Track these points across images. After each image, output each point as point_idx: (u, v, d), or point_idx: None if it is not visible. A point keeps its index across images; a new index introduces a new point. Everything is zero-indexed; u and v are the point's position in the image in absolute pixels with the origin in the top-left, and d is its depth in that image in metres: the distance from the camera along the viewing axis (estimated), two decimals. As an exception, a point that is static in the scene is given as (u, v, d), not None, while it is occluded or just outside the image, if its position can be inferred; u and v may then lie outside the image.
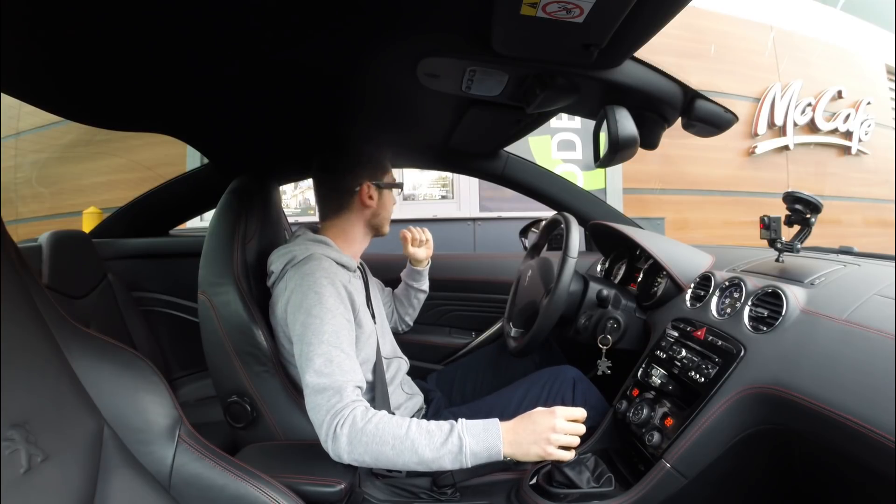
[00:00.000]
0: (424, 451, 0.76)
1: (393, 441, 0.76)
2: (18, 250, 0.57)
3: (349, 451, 0.77)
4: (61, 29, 0.65)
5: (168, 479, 0.60)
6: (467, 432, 0.77)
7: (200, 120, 1.11)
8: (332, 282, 0.91)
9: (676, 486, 0.79)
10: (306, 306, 0.88)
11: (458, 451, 0.76)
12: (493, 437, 0.78)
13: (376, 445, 0.76)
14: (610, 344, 1.09)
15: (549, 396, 1.05)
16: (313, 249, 0.96)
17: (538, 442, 0.78)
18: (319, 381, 0.81)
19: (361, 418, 0.78)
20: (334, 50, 0.77)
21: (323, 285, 0.89)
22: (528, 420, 0.80)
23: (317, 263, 0.93)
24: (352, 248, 1.06)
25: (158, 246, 1.64)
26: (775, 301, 0.82)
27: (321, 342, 0.85)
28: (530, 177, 1.57)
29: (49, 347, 0.56)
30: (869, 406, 0.60)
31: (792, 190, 0.89)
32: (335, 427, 0.78)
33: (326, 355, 0.84)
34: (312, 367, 0.83)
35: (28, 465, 0.47)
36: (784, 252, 0.97)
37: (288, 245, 1.00)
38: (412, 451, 0.76)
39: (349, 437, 0.77)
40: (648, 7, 0.60)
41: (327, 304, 0.88)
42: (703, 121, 0.94)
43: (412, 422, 0.79)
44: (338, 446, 0.78)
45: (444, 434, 0.77)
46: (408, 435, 0.77)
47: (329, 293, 0.89)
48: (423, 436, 0.77)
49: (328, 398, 0.80)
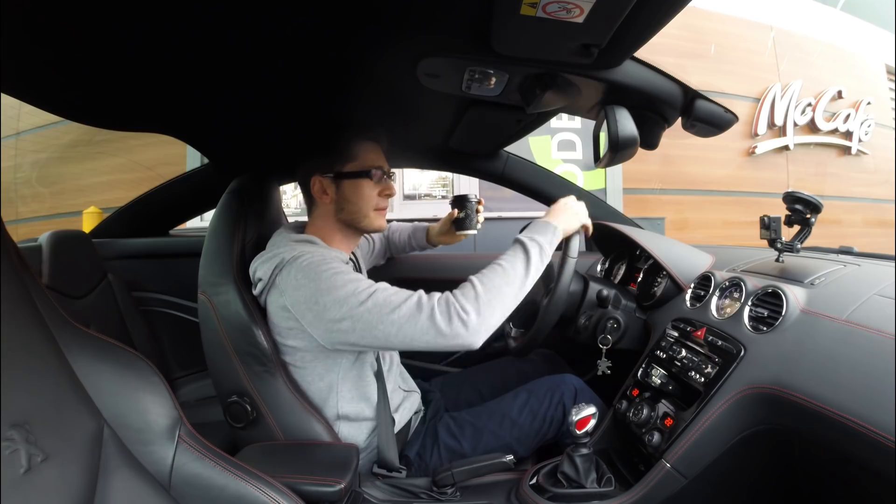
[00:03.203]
0: (523, 269, 0.87)
1: (505, 282, 0.84)
2: (18, 250, 0.57)
3: (483, 319, 0.80)
4: (61, 29, 0.65)
5: (168, 479, 0.60)
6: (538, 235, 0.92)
7: (200, 120, 1.11)
8: (329, 262, 0.86)
9: (676, 486, 0.79)
10: (323, 288, 0.82)
11: (539, 249, 0.89)
12: (546, 226, 0.94)
13: (497, 295, 0.82)
14: (610, 344, 1.09)
15: (550, 404, 1.05)
16: (301, 248, 0.90)
17: (571, 216, 1.01)
18: (401, 305, 0.79)
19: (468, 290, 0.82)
20: (335, 50, 0.77)
21: (321, 266, 0.85)
22: (555, 209, 1.01)
23: (308, 257, 0.87)
24: (338, 245, 1.00)
25: (158, 246, 1.64)
26: (775, 301, 0.82)
27: (369, 291, 0.81)
28: (530, 177, 1.57)
29: (49, 347, 0.56)
30: (869, 406, 0.60)
31: (792, 190, 0.89)
32: (458, 313, 0.79)
33: (383, 290, 0.82)
34: (382, 307, 0.79)
35: (28, 465, 0.47)
36: (784, 252, 0.97)
37: (271, 249, 0.93)
38: (520, 277, 0.85)
39: (475, 308, 0.79)
40: (648, 7, 0.60)
41: (342, 268, 0.86)
42: (703, 121, 0.94)
43: (497, 262, 0.87)
44: (470, 323, 0.79)
45: (522, 249, 0.89)
46: (506, 270, 0.85)
47: (331, 267, 0.85)
48: (516, 261, 0.87)
49: (420, 305, 0.80)
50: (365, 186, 0.97)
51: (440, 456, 1.02)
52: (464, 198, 1.21)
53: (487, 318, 0.80)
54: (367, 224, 0.99)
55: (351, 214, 0.98)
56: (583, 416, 0.85)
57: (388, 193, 1.00)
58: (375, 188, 0.98)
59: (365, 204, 0.97)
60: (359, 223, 0.99)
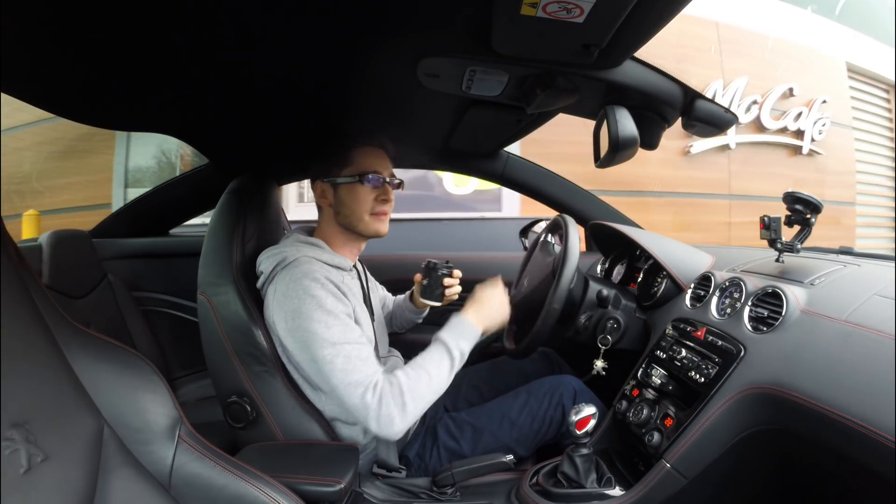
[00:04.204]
0: (447, 376, 0.92)
1: (429, 390, 0.90)
2: (18, 250, 0.57)
3: (405, 423, 0.87)
4: (62, 29, 0.65)
5: (168, 479, 0.60)
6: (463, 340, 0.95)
7: (200, 120, 1.11)
8: (324, 284, 0.89)
9: (676, 486, 0.79)
10: (306, 312, 0.87)
11: (462, 356, 0.94)
12: (470, 328, 0.97)
13: (420, 402, 0.88)
14: (610, 344, 1.09)
15: (549, 405, 1.05)
16: (304, 251, 0.94)
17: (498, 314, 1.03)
18: (350, 380, 0.86)
19: (397, 395, 0.87)
20: (335, 49, 0.77)
21: (315, 288, 0.88)
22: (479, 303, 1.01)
23: (307, 266, 0.90)
24: (341, 249, 1.03)
25: (158, 246, 1.64)
26: (775, 301, 0.82)
27: (334, 343, 0.86)
28: (530, 177, 1.57)
29: (49, 347, 0.56)
30: (869, 406, 0.60)
31: (792, 190, 0.89)
32: (385, 417, 0.85)
33: (344, 353, 0.86)
34: (336, 368, 0.86)
35: (28, 464, 0.47)
36: (784, 252, 0.97)
37: (278, 246, 0.97)
38: (441, 383, 0.91)
39: (401, 415, 0.86)
40: (648, 7, 0.60)
41: (327, 305, 0.88)
42: (702, 121, 0.94)
43: (422, 365, 0.91)
44: (392, 429, 0.86)
45: (448, 355, 0.93)
46: (431, 378, 0.90)
47: (323, 294, 0.88)
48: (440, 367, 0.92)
49: (363, 395, 0.85)
50: (360, 191, 0.99)
51: (440, 456, 1.02)
52: (432, 266, 1.13)
53: (408, 422, 0.88)
54: (364, 228, 1.01)
55: (347, 218, 1.00)
56: (583, 417, 0.85)
57: (384, 198, 1.01)
58: (372, 193, 0.99)
59: (360, 207, 0.99)
60: (355, 227, 1.01)
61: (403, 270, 1.54)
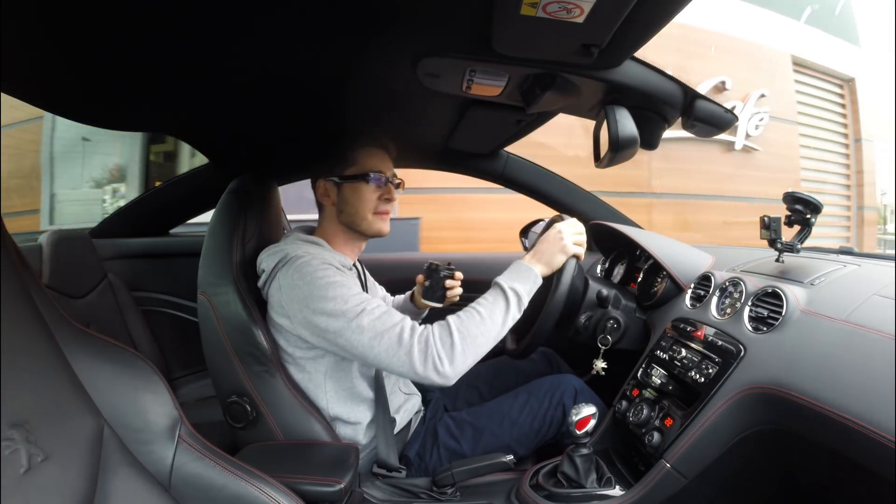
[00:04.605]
0: (501, 318, 0.88)
1: (481, 332, 0.86)
2: (19, 250, 0.57)
3: (454, 367, 0.84)
4: (62, 29, 0.65)
5: (168, 479, 0.60)
6: (515, 282, 0.92)
7: (200, 120, 1.11)
8: (326, 268, 0.89)
9: (676, 486, 0.79)
10: (316, 294, 0.86)
11: (518, 299, 0.90)
12: (527, 271, 0.94)
13: (471, 344, 0.85)
14: (610, 344, 1.09)
15: (549, 404, 1.05)
16: (305, 249, 0.94)
17: (557, 251, 0.96)
18: (381, 331, 0.83)
19: (446, 334, 0.84)
20: (334, 49, 0.77)
21: (324, 268, 0.88)
22: (542, 243, 0.98)
23: (308, 259, 0.90)
24: (342, 248, 1.03)
25: (158, 246, 1.64)
26: (775, 301, 0.82)
27: (357, 311, 0.85)
28: (530, 177, 1.57)
29: (49, 347, 0.56)
30: (868, 406, 0.60)
31: (791, 190, 0.89)
32: (433, 357, 0.82)
33: (370, 314, 0.85)
34: (364, 330, 0.84)
35: (28, 464, 0.47)
36: (784, 252, 0.97)
37: (279, 244, 0.98)
38: (496, 326, 0.88)
39: (449, 356, 0.83)
40: (648, 7, 0.60)
41: (337, 279, 0.88)
42: (703, 121, 0.94)
43: (476, 307, 0.89)
44: (444, 369, 0.83)
45: (503, 296, 0.90)
46: (484, 319, 0.87)
47: (332, 272, 0.88)
48: (495, 309, 0.89)
49: (399, 338, 0.83)
50: (364, 190, 0.99)
51: (440, 456, 1.02)
52: (434, 268, 1.12)
53: (459, 366, 0.84)
54: (367, 227, 1.01)
55: (350, 217, 1.00)
56: (583, 417, 0.85)
57: (387, 198, 1.01)
58: (375, 192, 1.00)
59: (363, 206, 0.99)
60: (358, 226, 1.01)
61: (403, 271, 1.54)
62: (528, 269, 0.94)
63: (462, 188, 3.68)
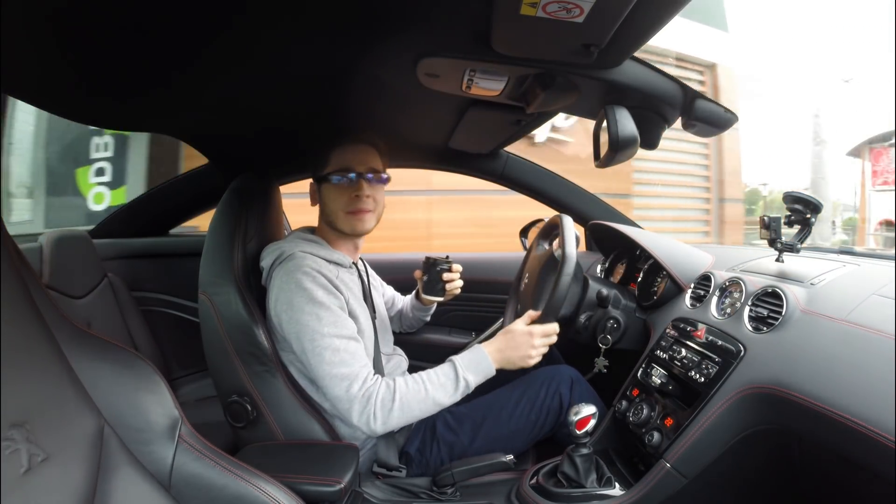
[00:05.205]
0: (443, 400, 0.91)
1: (419, 405, 0.90)
2: (19, 250, 0.57)
3: (384, 427, 0.88)
4: (63, 29, 0.65)
5: (168, 479, 0.60)
6: (469, 371, 0.93)
7: (200, 120, 1.11)
8: (314, 277, 0.92)
9: (676, 486, 0.79)
10: (297, 304, 0.90)
11: (466, 388, 0.93)
12: (487, 365, 0.94)
13: (407, 414, 0.89)
14: (610, 344, 1.09)
15: (546, 396, 1.05)
16: (302, 247, 0.97)
17: (522, 356, 0.95)
18: (336, 372, 0.87)
19: (388, 398, 0.88)
20: (335, 49, 0.77)
21: (306, 281, 0.91)
22: (509, 337, 0.96)
23: (300, 261, 0.93)
24: (338, 246, 1.05)
25: (158, 246, 1.64)
26: (775, 301, 0.82)
27: (323, 335, 0.88)
28: (530, 177, 1.57)
29: (49, 347, 0.56)
30: (868, 406, 0.60)
31: (791, 190, 0.89)
32: (368, 414, 0.87)
33: (332, 347, 0.88)
34: (324, 360, 0.88)
35: (28, 464, 0.47)
36: (784, 252, 0.97)
37: (279, 242, 1.01)
38: (435, 405, 0.91)
39: (383, 418, 0.87)
40: (648, 7, 0.60)
41: (317, 297, 0.90)
42: (703, 120, 0.94)
43: (425, 381, 0.91)
44: (374, 426, 0.88)
45: (454, 381, 0.92)
46: (428, 395, 0.90)
47: (313, 287, 0.91)
48: (440, 390, 0.91)
49: (348, 387, 0.87)
50: (331, 189, 1.01)
51: (440, 450, 1.02)
52: (431, 262, 1.12)
53: (388, 426, 0.89)
54: (342, 226, 1.02)
55: (326, 216, 1.04)
56: (583, 416, 0.85)
57: (356, 195, 1.00)
58: (345, 190, 1.00)
59: (334, 206, 1.01)
60: (335, 225, 1.03)
61: (408, 270, 1.54)
62: (487, 363, 0.95)
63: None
